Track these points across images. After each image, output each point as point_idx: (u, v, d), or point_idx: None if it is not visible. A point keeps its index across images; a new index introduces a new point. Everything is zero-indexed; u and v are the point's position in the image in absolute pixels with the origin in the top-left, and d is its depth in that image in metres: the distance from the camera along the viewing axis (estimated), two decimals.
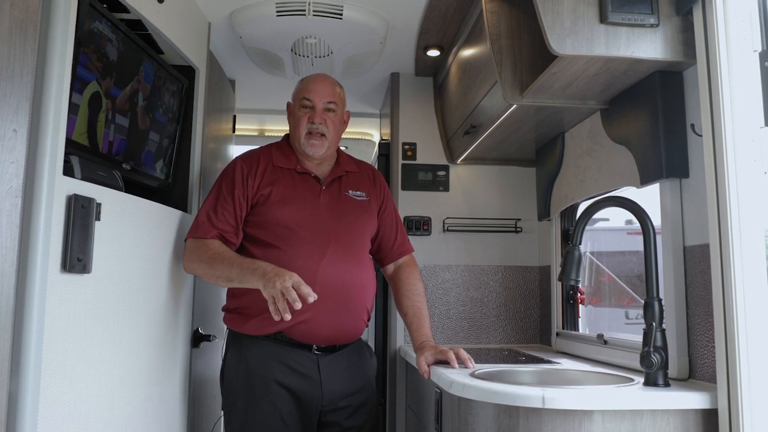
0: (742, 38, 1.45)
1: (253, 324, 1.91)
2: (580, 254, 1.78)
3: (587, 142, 2.26)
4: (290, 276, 1.67)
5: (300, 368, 1.90)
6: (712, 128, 1.47)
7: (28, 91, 1.26)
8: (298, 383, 1.89)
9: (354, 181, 2.12)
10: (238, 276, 1.80)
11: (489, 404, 1.54)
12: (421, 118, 3.01)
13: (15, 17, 1.22)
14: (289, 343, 1.91)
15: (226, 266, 1.82)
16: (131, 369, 1.70)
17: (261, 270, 1.74)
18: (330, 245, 1.94)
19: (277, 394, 1.87)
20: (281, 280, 1.66)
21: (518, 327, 2.87)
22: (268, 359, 1.89)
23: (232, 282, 1.84)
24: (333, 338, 1.94)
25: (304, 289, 1.64)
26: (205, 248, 1.89)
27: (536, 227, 2.92)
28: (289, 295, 1.63)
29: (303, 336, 1.90)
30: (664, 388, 1.56)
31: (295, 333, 1.90)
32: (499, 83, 2.02)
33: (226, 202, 1.95)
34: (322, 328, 1.90)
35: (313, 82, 2.06)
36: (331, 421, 1.94)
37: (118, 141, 1.76)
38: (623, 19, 1.65)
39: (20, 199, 1.23)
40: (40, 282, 1.29)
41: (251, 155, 2.06)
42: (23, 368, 1.25)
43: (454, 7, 2.41)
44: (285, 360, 1.89)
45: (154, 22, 1.88)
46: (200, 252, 1.89)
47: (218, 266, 1.84)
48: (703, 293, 1.64)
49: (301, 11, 2.36)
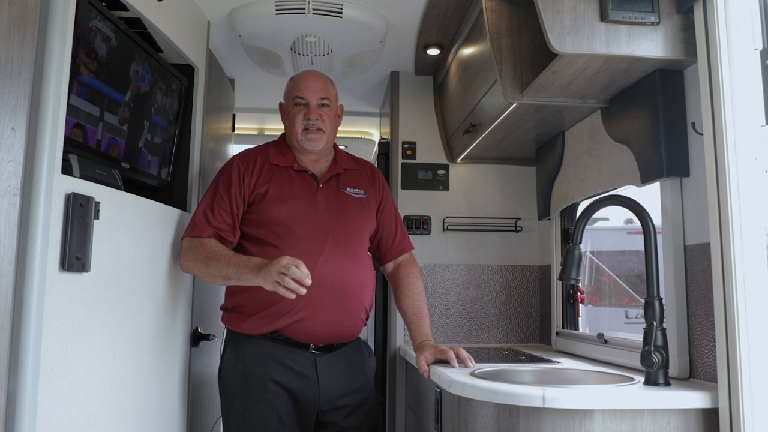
0: (743, 36, 1.44)
1: (250, 323, 1.91)
2: (580, 253, 1.77)
3: (587, 140, 2.26)
4: (282, 258, 1.67)
5: (297, 367, 1.89)
6: (713, 127, 1.46)
7: (27, 89, 1.26)
8: (296, 382, 1.89)
9: (352, 179, 2.11)
10: (235, 274, 1.79)
11: (489, 404, 1.54)
12: (420, 117, 3.01)
13: (13, 15, 1.21)
14: (287, 342, 1.90)
15: (223, 265, 1.81)
16: (130, 368, 1.70)
17: (256, 265, 1.73)
18: (327, 243, 1.93)
19: (275, 394, 1.87)
20: (276, 265, 1.65)
21: (518, 326, 2.86)
22: (266, 358, 1.89)
23: (230, 280, 1.83)
24: (330, 337, 1.93)
25: (297, 273, 1.62)
26: (201, 247, 1.89)
27: (536, 226, 2.92)
28: (291, 273, 1.62)
29: (300, 335, 1.90)
30: (664, 387, 1.55)
31: (292, 332, 1.89)
32: (499, 82, 2.02)
33: (222, 201, 1.94)
34: (319, 326, 1.89)
35: (304, 80, 2.05)
36: (328, 420, 1.93)
37: (116, 140, 1.75)
38: (624, 18, 1.64)
39: (18, 197, 1.23)
40: (39, 281, 1.28)
41: (248, 154, 2.06)
42: (22, 367, 1.25)
43: (454, 6, 2.40)
44: (282, 359, 1.89)
45: (153, 21, 1.88)
46: (196, 251, 1.89)
47: (214, 265, 1.83)
48: (704, 292, 1.64)
49: (300, 10, 2.36)
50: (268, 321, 1.88)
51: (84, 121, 1.57)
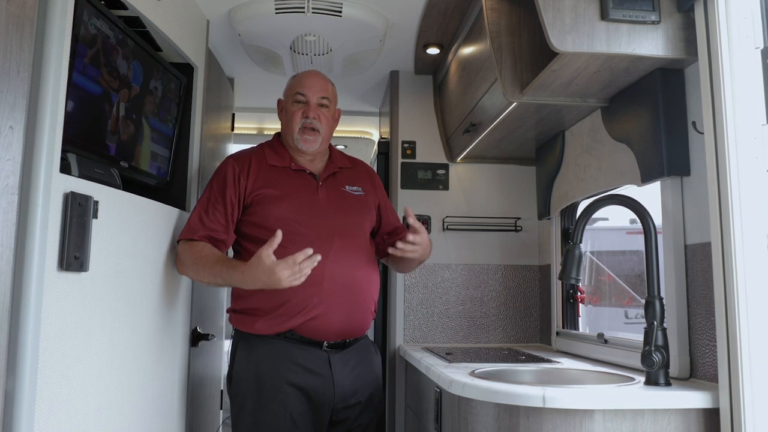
0: (744, 35, 1.44)
1: (263, 323, 1.90)
2: (580, 253, 1.77)
3: (588, 140, 2.25)
4: (269, 266, 1.69)
5: (312, 366, 1.88)
6: (714, 126, 1.46)
7: (25, 87, 1.25)
8: (311, 382, 1.88)
9: (349, 177, 2.12)
10: (224, 282, 1.83)
11: (489, 403, 1.53)
12: (420, 116, 3.00)
13: (11, 13, 1.20)
14: (300, 340, 1.89)
15: (210, 272, 1.83)
16: (129, 368, 1.69)
17: (241, 280, 1.76)
18: (335, 240, 1.93)
19: (288, 395, 1.85)
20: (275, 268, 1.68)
21: (518, 326, 2.86)
22: (279, 359, 1.87)
23: (221, 285, 1.86)
24: (344, 333, 1.93)
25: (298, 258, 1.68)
26: (192, 251, 1.89)
27: (536, 226, 2.91)
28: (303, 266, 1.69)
29: (314, 333, 1.89)
30: (665, 387, 1.55)
31: (306, 330, 1.88)
32: (499, 81, 2.01)
33: (217, 203, 1.94)
34: (333, 323, 1.89)
35: (306, 78, 2.07)
36: (342, 419, 1.93)
37: (115, 138, 1.75)
38: (624, 16, 1.64)
39: (17, 196, 1.22)
40: (37, 280, 1.28)
41: (242, 155, 2.06)
42: (20, 367, 1.24)
43: (454, 5, 2.40)
44: (296, 359, 1.88)
45: (153, 19, 1.87)
46: (188, 254, 1.89)
47: (202, 271, 1.85)
48: (705, 292, 1.63)
49: (300, 8, 2.35)
50: (283, 320, 1.87)
51: (83, 119, 1.56)
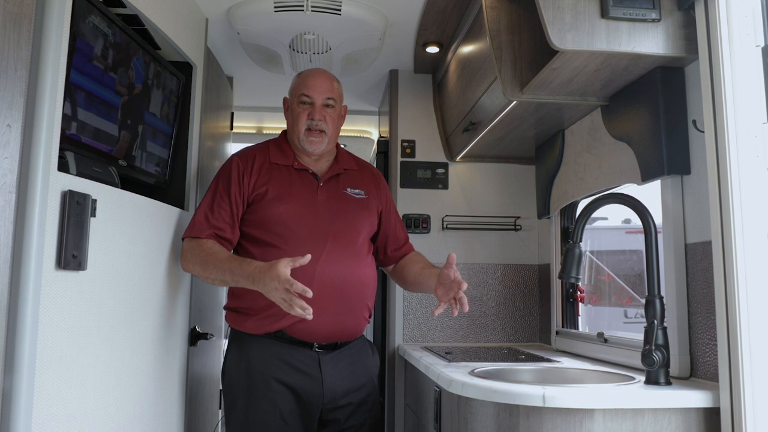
0: (745, 33, 1.43)
1: (253, 322, 1.90)
2: (580, 252, 1.76)
3: (587, 138, 2.25)
4: (277, 277, 1.63)
5: (301, 366, 1.89)
6: (714, 124, 1.45)
7: (23, 85, 1.24)
8: (300, 381, 1.88)
9: (353, 179, 2.10)
10: (231, 280, 1.81)
11: (489, 403, 1.53)
12: (420, 115, 3.00)
13: (9, 11, 1.20)
14: (290, 341, 1.89)
15: (218, 270, 1.82)
16: (127, 367, 1.69)
17: (249, 275, 1.73)
18: (328, 242, 1.92)
19: (278, 393, 1.86)
20: (275, 281, 1.63)
21: (518, 325, 2.86)
22: (269, 357, 1.88)
23: (227, 284, 1.85)
24: (333, 336, 1.93)
25: (297, 288, 1.61)
26: (199, 249, 1.88)
27: (536, 225, 2.91)
28: (294, 288, 1.60)
29: (303, 334, 1.89)
30: (665, 386, 1.54)
31: (296, 331, 1.88)
32: (498, 80, 2.01)
33: (222, 200, 1.94)
34: (321, 326, 1.88)
35: (311, 78, 2.04)
36: (332, 419, 1.93)
37: (114, 137, 1.74)
38: (624, 14, 1.63)
39: (14, 195, 1.22)
40: (35, 279, 1.27)
41: (247, 152, 2.05)
42: (17, 366, 1.24)
43: (454, 3, 2.39)
44: (286, 358, 1.88)
45: (151, 18, 1.87)
46: (194, 252, 1.89)
47: (210, 269, 1.84)
48: (705, 291, 1.63)
49: (299, 7, 2.35)
50: (272, 321, 1.87)
51: (81, 118, 1.55)
